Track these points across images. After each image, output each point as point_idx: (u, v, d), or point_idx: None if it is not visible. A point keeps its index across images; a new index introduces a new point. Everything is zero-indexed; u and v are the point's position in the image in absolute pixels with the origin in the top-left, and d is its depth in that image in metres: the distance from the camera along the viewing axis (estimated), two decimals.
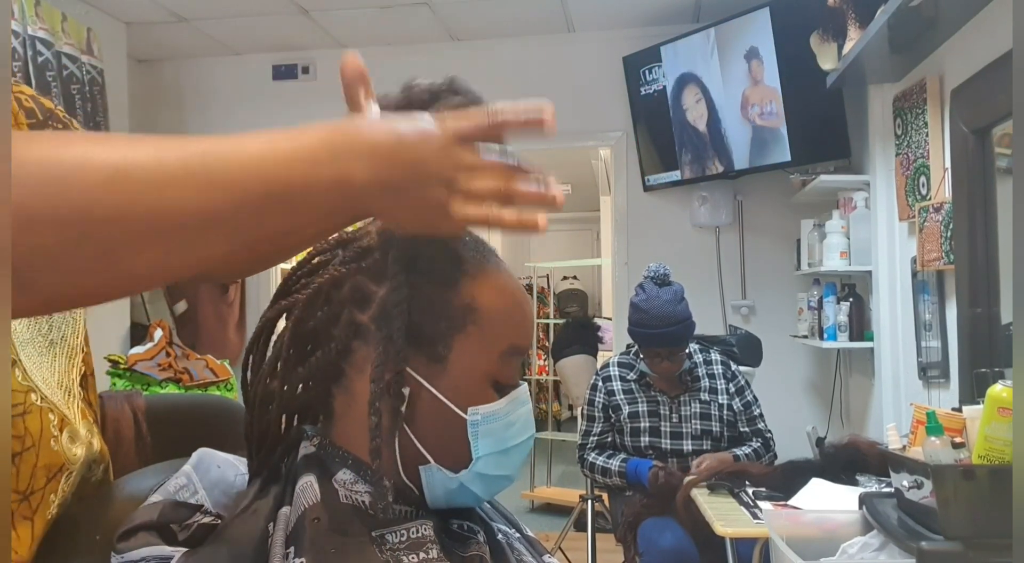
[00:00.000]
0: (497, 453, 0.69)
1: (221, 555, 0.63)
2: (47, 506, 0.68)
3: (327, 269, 0.70)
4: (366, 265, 0.69)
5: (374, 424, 0.65)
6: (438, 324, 0.68)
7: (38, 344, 0.73)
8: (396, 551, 0.64)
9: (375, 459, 0.65)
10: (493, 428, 0.69)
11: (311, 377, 0.70)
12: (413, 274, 0.67)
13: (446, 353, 0.68)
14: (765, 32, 3.06)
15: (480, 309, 0.69)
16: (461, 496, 0.70)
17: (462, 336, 0.69)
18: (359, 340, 0.69)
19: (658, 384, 2.55)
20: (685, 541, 2.21)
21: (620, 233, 3.77)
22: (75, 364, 0.78)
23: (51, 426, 0.70)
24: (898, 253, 2.65)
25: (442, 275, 0.69)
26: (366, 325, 0.68)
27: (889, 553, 1.44)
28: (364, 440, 0.67)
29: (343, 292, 0.69)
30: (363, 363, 0.69)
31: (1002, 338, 1.93)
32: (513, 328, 0.71)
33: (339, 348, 0.69)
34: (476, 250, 0.72)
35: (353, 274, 0.69)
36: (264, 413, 0.72)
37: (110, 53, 3.47)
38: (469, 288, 0.69)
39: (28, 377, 0.70)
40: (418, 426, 0.68)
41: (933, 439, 1.35)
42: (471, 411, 0.68)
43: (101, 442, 0.80)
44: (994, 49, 1.87)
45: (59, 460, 0.70)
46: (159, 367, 3.23)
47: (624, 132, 3.71)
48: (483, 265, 0.71)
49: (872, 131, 2.80)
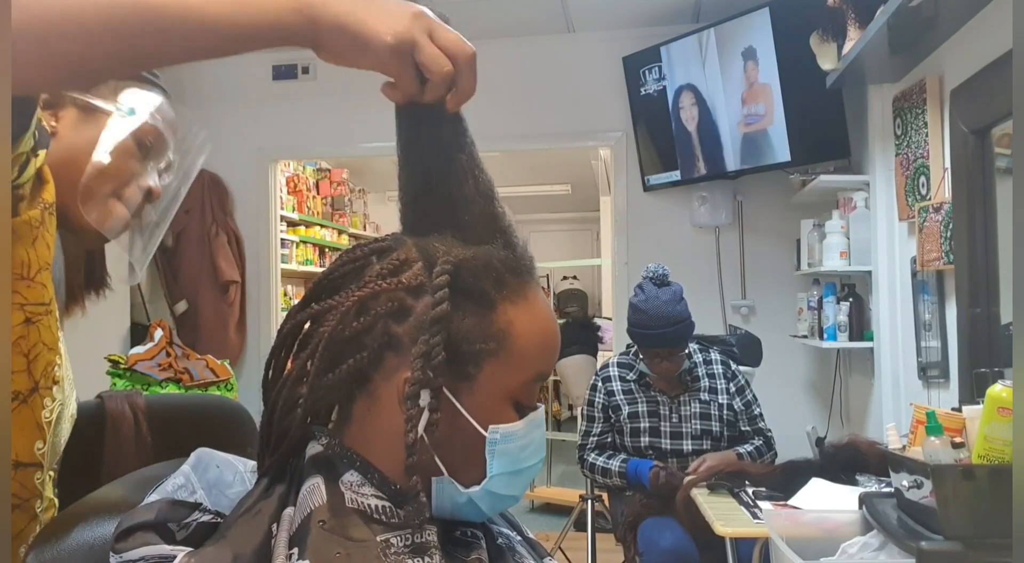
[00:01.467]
0: (510, 473, 0.70)
1: (223, 555, 0.63)
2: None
3: (365, 281, 0.69)
4: (405, 279, 0.69)
5: (411, 441, 0.65)
6: (473, 345, 0.68)
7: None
8: (400, 555, 0.64)
9: (411, 476, 0.65)
10: (510, 448, 0.69)
11: (338, 384, 0.70)
12: (454, 291, 0.67)
13: (476, 373, 0.69)
14: (765, 32, 3.06)
15: (515, 336, 0.69)
16: (467, 510, 0.71)
17: (494, 360, 0.69)
18: (392, 351, 0.69)
19: (658, 384, 2.55)
20: (685, 541, 2.21)
21: (620, 233, 3.77)
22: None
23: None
24: (898, 253, 2.65)
25: (483, 296, 0.69)
26: (400, 336, 0.68)
27: (889, 553, 1.44)
28: (379, 445, 0.68)
29: (380, 303, 0.69)
30: (391, 371, 0.69)
31: (1002, 338, 1.93)
32: (542, 356, 0.72)
33: (371, 357, 0.69)
34: (518, 271, 0.72)
35: (393, 288, 0.69)
36: (286, 417, 0.72)
37: None
38: (508, 313, 0.70)
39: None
40: (437, 438, 0.68)
41: (933, 439, 1.35)
42: (491, 429, 0.69)
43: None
44: (994, 49, 1.87)
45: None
46: (159, 367, 3.23)
47: (624, 132, 3.71)
48: (523, 290, 0.71)
49: (872, 131, 2.80)
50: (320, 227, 5.71)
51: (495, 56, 3.82)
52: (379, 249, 0.72)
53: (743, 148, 3.27)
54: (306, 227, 5.47)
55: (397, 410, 0.67)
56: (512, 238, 0.74)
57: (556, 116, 3.77)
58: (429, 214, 0.73)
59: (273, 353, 0.74)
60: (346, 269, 0.73)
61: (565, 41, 3.79)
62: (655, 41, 3.48)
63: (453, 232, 0.72)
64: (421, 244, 0.71)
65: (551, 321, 0.74)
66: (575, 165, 6.35)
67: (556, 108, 3.77)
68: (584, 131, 3.79)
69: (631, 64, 3.58)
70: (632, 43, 3.58)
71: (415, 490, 0.65)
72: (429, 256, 0.69)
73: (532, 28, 3.72)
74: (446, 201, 0.73)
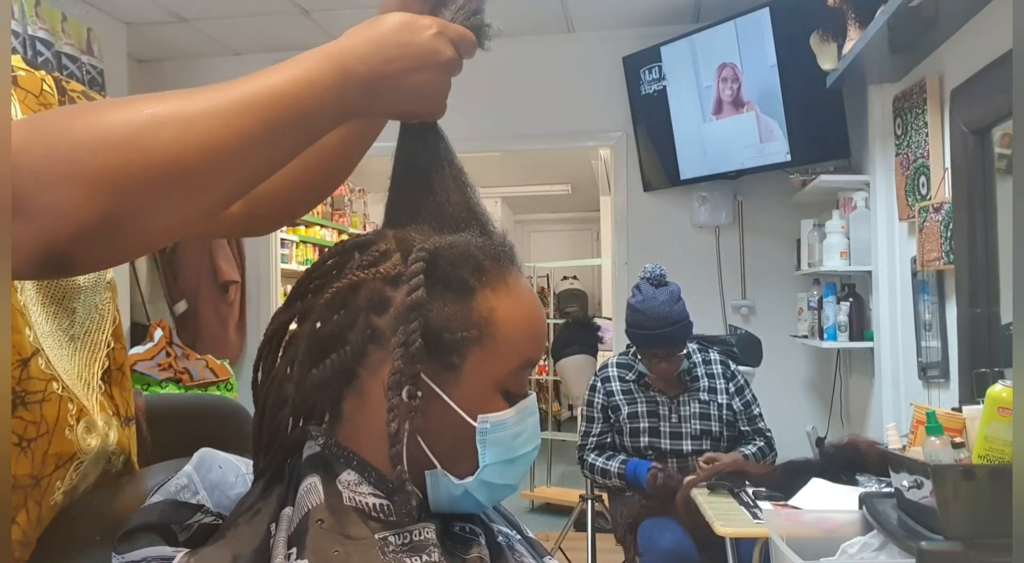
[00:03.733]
0: (503, 462, 0.69)
1: (223, 555, 0.63)
2: (52, 492, 0.69)
3: (344, 273, 0.70)
4: (384, 270, 0.68)
5: (393, 430, 0.65)
6: (455, 334, 0.68)
7: (58, 337, 0.74)
8: (398, 553, 0.64)
9: (396, 465, 0.65)
10: (501, 437, 0.69)
11: (325, 380, 0.70)
12: (432, 280, 0.67)
13: (460, 363, 0.68)
14: (765, 32, 3.06)
15: (498, 323, 0.69)
16: (464, 502, 0.70)
17: (478, 348, 0.68)
18: (375, 344, 0.69)
19: (657, 384, 2.55)
20: (685, 541, 2.21)
21: (620, 233, 3.77)
22: (97, 359, 0.79)
23: (68, 415, 0.71)
24: (898, 253, 2.65)
25: (462, 284, 0.68)
26: (382, 329, 0.68)
27: (889, 553, 1.44)
28: (372, 442, 0.68)
29: (360, 296, 0.69)
30: (377, 366, 0.69)
31: (1002, 338, 1.93)
32: (528, 343, 0.71)
33: (354, 352, 0.69)
34: (497, 257, 0.71)
35: (371, 278, 0.68)
36: (275, 416, 0.72)
37: (110, 53, 3.47)
38: (489, 300, 0.69)
39: (51, 366, 0.71)
40: (427, 431, 0.68)
41: (933, 439, 1.35)
42: (481, 419, 0.68)
43: (121, 433, 0.81)
44: (994, 49, 1.87)
45: (71, 449, 0.71)
46: (159, 367, 3.23)
47: (624, 132, 3.71)
48: (504, 276, 0.71)
49: (872, 131, 2.80)
50: (320, 227, 5.71)
51: (495, 56, 3.81)
52: (360, 243, 0.72)
53: (751, 147, 3.26)
54: (306, 227, 5.48)
55: (385, 406, 0.66)
56: (489, 226, 0.74)
57: (556, 116, 3.77)
58: (408, 205, 0.73)
59: (260, 354, 0.74)
60: (329, 266, 0.73)
61: (565, 41, 3.79)
62: (655, 41, 3.48)
63: (431, 222, 0.72)
64: (399, 235, 0.71)
65: (535, 306, 0.73)
66: (575, 165, 6.35)
67: (556, 108, 3.77)
68: (584, 131, 3.79)
69: (631, 64, 3.58)
70: (632, 43, 3.58)
71: (401, 480, 0.65)
72: (406, 246, 0.69)
73: (532, 28, 3.72)
74: (424, 191, 0.73)
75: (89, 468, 0.74)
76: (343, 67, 0.63)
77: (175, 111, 0.56)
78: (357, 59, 0.63)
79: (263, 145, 0.59)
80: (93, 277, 0.80)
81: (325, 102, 0.62)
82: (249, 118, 0.58)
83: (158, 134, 0.54)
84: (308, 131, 0.63)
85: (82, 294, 0.78)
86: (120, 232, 0.54)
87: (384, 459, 0.66)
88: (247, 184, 0.61)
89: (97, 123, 0.54)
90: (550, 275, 7.39)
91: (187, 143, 0.55)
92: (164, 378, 3.17)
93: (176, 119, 0.55)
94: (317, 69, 0.62)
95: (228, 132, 0.57)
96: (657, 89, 3.51)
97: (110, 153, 0.53)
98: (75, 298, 0.77)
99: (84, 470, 0.73)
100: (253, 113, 0.58)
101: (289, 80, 0.60)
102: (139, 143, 0.54)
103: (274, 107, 0.59)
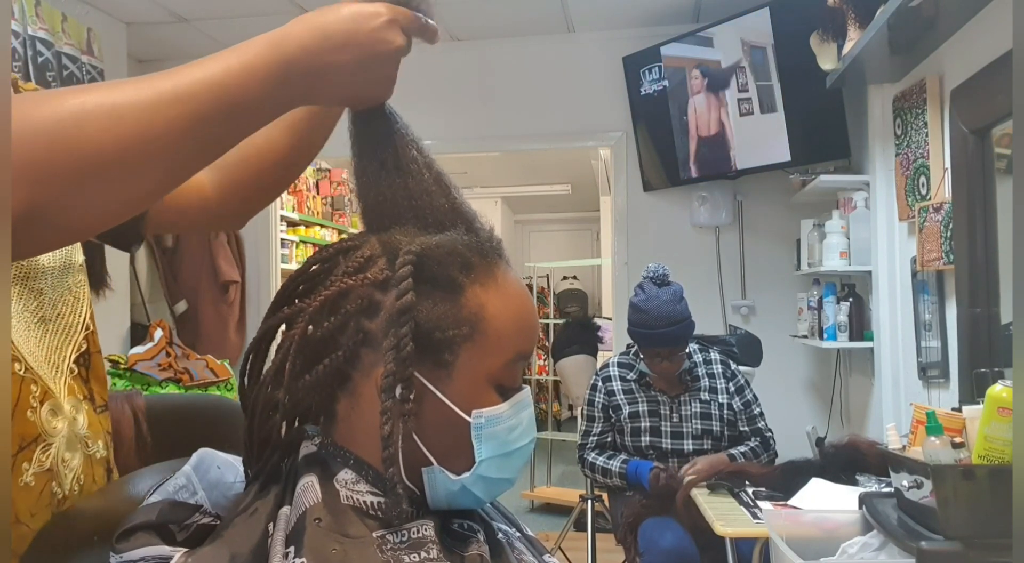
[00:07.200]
0: (499, 456, 0.70)
1: (221, 555, 0.63)
2: (19, 473, 0.69)
3: (332, 281, 0.70)
4: (371, 275, 0.69)
5: (387, 433, 0.65)
6: (446, 332, 0.68)
7: (25, 319, 0.73)
8: (397, 551, 0.64)
9: (389, 467, 0.65)
10: (496, 431, 0.69)
11: (317, 384, 0.70)
12: (420, 281, 0.67)
13: (452, 360, 0.68)
14: (765, 32, 3.06)
15: (488, 319, 0.69)
16: (462, 498, 0.70)
17: (469, 344, 0.68)
18: (367, 347, 0.69)
19: (658, 384, 2.55)
20: (686, 541, 2.21)
21: (620, 233, 3.77)
22: (71, 342, 0.79)
23: (30, 397, 0.71)
24: (898, 253, 2.65)
25: (450, 282, 0.69)
26: (374, 332, 0.68)
27: (889, 553, 1.44)
28: (367, 441, 0.68)
29: (350, 302, 0.69)
30: (369, 367, 0.69)
31: (1002, 338, 1.93)
32: (520, 336, 0.71)
33: (347, 355, 0.69)
34: (484, 253, 0.71)
35: (359, 285, 0.69)
36: (266, 421, 0.72)
37: (110, 53, 3.47)
38: (478, 296, 0.69)
39: (14, 347, 0.70)
40: (422, 428, 0.68)
41: (933, 439, 1.35)
42: (475, 414, 0.68)
43: (93, 417, 0.80)
44: (994, 49, 1.87)
45: (34, 430, 0.71)
46: (159, 367, 3.23)
47: (624, 132, 3.71)
48: (492, 271, 0.71)
49: (872, 131, 2.80)
50: (320, 227, 5.71)
51: (495, 56, 3.83)
52: (344, 248, 0.72)
53: (751, 147, 3.26)
54: (306, 227, 5.47)
55: (379, 406, 0.67)
56: (475, 222, 0.74)
57: (556, 116, 3.77)
58: (389, 209, 0.73)
59: (246, 359, 0.74)
60: (314, 271, 0.73)
61: (565, 41, 3.79)
62: (655, 41, 3.48)
63: (415, 223, 0.72)
64: (384, 238, 0.71)
65: (525, 300, 0.73)
66: (575, 165, 6.35)
67: (556, 108, 3.77)
68: (584, 131, 3.79)
69: (631, 64, 3.58)
70: (632, 43, 3.58)
71: (392, 482, 0.65)
72: (392, 249, 0.69)
73: (532, 28, 3.72)
74: (404, 193, 0.72)
75: (63, 452, 0.74)
76: (284, 56, 0.62)
77: (102, 102, 0.56)
78: (300, 48, 0.63)
79: (193, 136, 0.58)
80: (60, 259, 0.79)
81: (263, 92, 0.61)
82: (179, 109, 0.57)
83: (83, 125, 0.54)
84: (244, 121, 0.62)
85: (48, 276, 0.77)
86: (44, 222, 0.54)
87: (380, 458, 0.66)
88: (179, 174, 0.61)
89: (26, 114, 0.53)
90: (550, 275, 7.39)
91: (112, 134, 0.55)
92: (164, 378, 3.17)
93: (102, 110, 0.55)
94: (256, 58, 0.61)
95: (155, 123, 0.56)
96: (657, 89, 3.51)
97: (34, 144, 0.53)
98: (40, 279, 0.76)
99: (56, 454, 0.73)
100: (182, 104, 0.58)
101: (223, 70, 0.60)
102: (63, 134, 0.54)
103: (205, 98, 0.58)
